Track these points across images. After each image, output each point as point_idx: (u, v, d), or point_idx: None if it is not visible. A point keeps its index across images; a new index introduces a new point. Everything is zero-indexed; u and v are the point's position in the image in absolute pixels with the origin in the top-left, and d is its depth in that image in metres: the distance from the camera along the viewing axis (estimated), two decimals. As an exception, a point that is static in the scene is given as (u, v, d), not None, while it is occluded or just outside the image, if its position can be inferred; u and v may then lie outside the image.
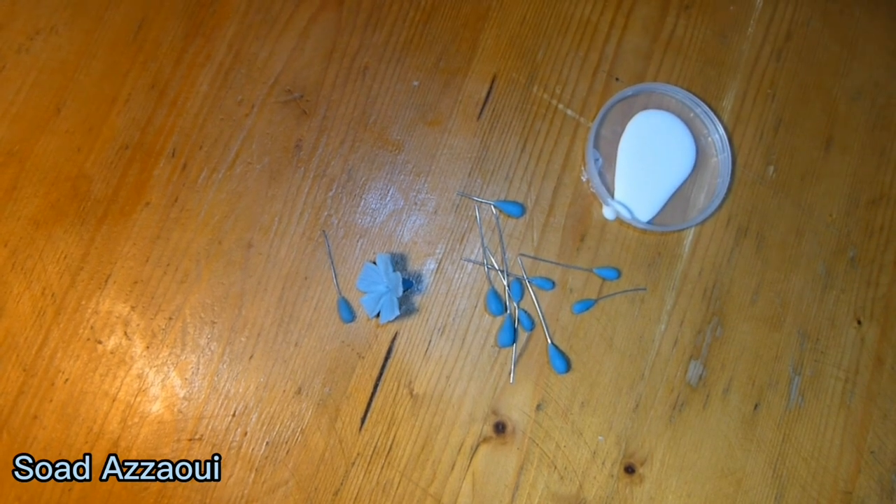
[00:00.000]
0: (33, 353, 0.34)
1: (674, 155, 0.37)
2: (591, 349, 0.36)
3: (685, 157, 0.37)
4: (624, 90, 0.37)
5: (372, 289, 0.34)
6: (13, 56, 0.35)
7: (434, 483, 0.34)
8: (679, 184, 0.37)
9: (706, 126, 0.38)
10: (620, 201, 0.36)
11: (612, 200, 0.36)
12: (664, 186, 0.37)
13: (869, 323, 0.37)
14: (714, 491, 0.35)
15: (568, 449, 0.35)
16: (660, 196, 0.37)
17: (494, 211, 0.36)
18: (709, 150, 0.38)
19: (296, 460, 0.34)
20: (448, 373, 0.35)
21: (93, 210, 0.34)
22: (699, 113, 0.38)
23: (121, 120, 0.35)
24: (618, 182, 0.37)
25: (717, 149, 0.38)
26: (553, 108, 0.37)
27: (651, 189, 0.37)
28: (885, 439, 0.36)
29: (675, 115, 0.38)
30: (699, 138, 0.38)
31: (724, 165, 0.37)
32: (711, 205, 0.37)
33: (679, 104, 0.38)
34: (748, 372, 0.36)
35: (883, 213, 0.38)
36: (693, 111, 0.38)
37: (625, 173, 0.37)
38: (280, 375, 0.34)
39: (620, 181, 0.37)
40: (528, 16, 0.38)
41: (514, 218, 0.36)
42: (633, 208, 0.36)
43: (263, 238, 0.35)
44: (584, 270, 0.36)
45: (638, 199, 0.37)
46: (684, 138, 0.37)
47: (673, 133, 0.37)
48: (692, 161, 0.37)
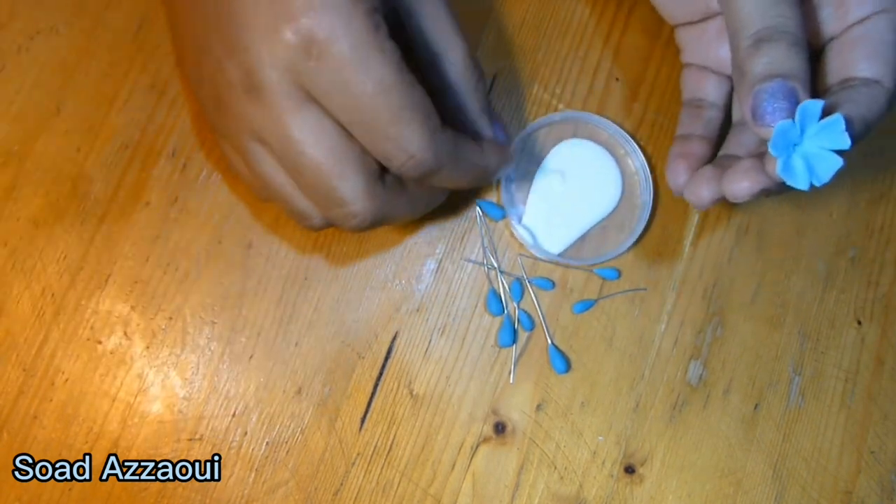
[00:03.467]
0: (33, 353, 0.34)
1: (597, 189, 0.36)
2: (591, 349, 0.36)
3: (609, 193, 0.36)
4: (552, 115, 0.36)
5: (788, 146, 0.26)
6: (13, 56, 0.35)
7: (434, 483, 0.34)
8: (598, 220, 0.36)
9: (635, 164, 0.37)
10: (527, 226, 0.35)
11: (518, 224, 0.35)
12: (581, 221, 0.36)
13: (869, 323, 0.37)
14: (714, 491, 0.35)
15: (568, 449, 0.35)
16: (574, 230, 0.36)
17: (478, 211, 0.36)
18: (633, 190, 0.37)
19: (296, 460, 0.34)
20: (448, 373, 0.35)
21: (93, 210, 0.34)
22: (629, 150, 0.37)
23: (121, 120, 0.35)
24: (529, 207, 0.36)
25: (641, 188, 0.36)
26: (553, 107, 0.37)
27: (566, 221, 0.36)
28: (885, 439, 0.36)
29: (605, 148, 0.36)
30: (627, 176, 0.37)
31: (645, 208, 0.36)
32: (625, 242, 0.36)
33: (610, 138, 0.37)
34: (748, 372, 0.36)
35: (883, 213, 0.38)
36: (624, 148, 0.37)
37: (539, 199, 0.36)
38: (280, 375, 0.34)
39: (532, 207, 0.36)
40: (528, 16, 0.38)
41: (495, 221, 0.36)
42: (542, 237, 0.35)
43: (263, 238, 0.35)
44: (584, 270, 0.36)
45: (548, 229, 0.36)
46: (610, 173, 0.36)
47: (599, 166, 0.36)
48: (616, 198, 0.36)
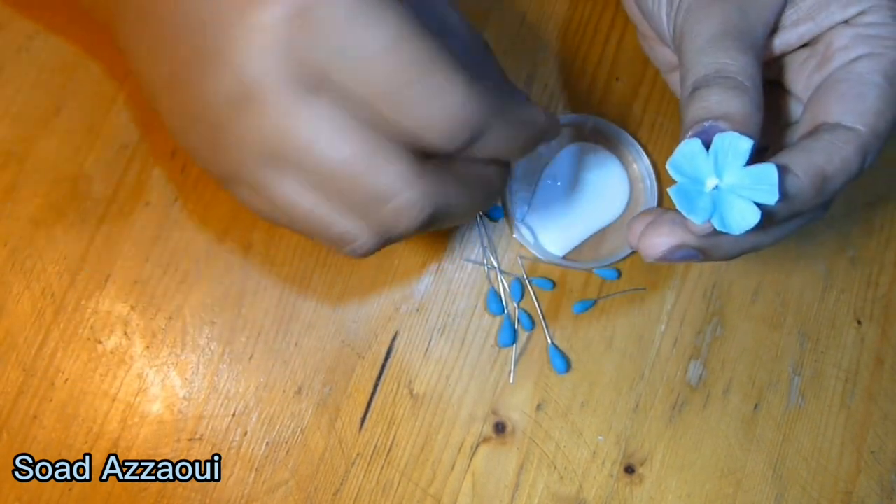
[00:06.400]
0: (33, 353, 0.34)
1: (604, 195, 0.36)
2: (591, 349, 0.36)
3: (616, 200, 0.36)
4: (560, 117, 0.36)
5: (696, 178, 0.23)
6: (13, 56, 0.35)
7: (434, 483, 0.34)
8: (604, 226, 0.36)
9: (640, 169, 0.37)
10: (529, 227, 0.35)
11: (520, 223, 0.35)
12: (586, 225, 0.36)
13: (869, 323, 0.37)
14: (714, 491, 0.35)
15: (568, 449, 0.35)
16: (579, 234, 0.36)
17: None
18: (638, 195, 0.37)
19: (296, 460, 0.34)
20: (448, 373, 0.35)
21: (93, 210, 0.34)
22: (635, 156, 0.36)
23: (121, 120, 0.35)
24: (532, 208, 0.35)
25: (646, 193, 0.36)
26: (554, 107, 0.37)
27: (571, 225, 0.35)
28: (885, 439, 0.36)
29: (612, 153, 0.36)
30: (633, 181, 0.37)
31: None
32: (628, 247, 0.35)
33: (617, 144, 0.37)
34: (748, 372, 0.36)
35: (882, 213, 0.38)
36: (630, 153, 0.37)
37: (543, 201, 0.36)
38: (280, 375, 0.34)
39: (536, 208, 0.35)
40: (528, 16, 0.38)
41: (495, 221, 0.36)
42: (544, 239, 0.35)
43: (263, 238, 0.35)
44: (584, 270, 0.36)
45: (551, 231, 0.35)
46: (618, 179, 0.36)
47: (607, 172, 0.36)
48: (623, 205, 0.36)
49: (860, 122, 0.23)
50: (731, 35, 0.24)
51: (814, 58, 0.27)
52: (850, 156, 0.23)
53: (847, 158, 0.23)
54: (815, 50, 0.27)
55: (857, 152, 0.23)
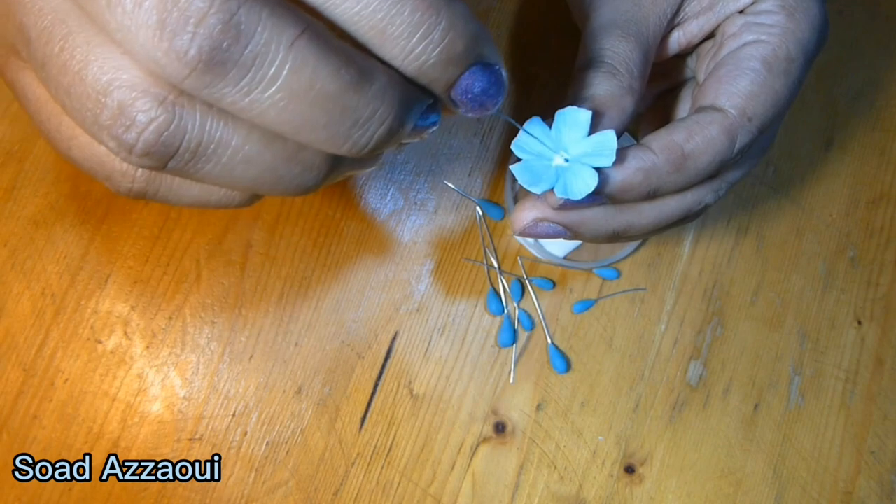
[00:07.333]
0: (33, 353, 0.34)
1: None
2: (591, 349, 0.36)
3: None
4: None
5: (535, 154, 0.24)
6: (13, 56, 0.35)
7: (434, 483, 0.34)
8: None
9: None
10: None
11: None
12: None
13: (869, 323, 0.37)
14: (714, 491, 0.35)
15: (568, 449, 0.35)
16: None
17: (479, 210, 0.36)
18: None
19: (296, 460, 0.34)
20: (448, 373, 0.35)
21: (93, 210, 0.34)
22: None
23: (121, 120, 0.35)
24: None
25: None
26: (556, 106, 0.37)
27: None
28: (885, 439, 0.36)
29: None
30: None
31: None
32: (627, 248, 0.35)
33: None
34: (748, 372, 0.36)
35: (883, 213, 0.38)
36: None
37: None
38: (280, 375, 0.34)
39: None
40: (528, 16, 0.38)
41: (495, 221, 0.36)
42: (545, 240, 0.35)
43: (263, 238, 0.35)
44: (584, 270, 0.36)
45: None
46: None
47: None
48: None
49: (729, 103, 0.24)
50: (616, 23, 0.26)
51: (715, 48, 0.28)
52: (715, 135, 0.23)
53: (711, 138, 0.23)
54: (715, 41, 0.28)
55: (724, 132, 0.24)
